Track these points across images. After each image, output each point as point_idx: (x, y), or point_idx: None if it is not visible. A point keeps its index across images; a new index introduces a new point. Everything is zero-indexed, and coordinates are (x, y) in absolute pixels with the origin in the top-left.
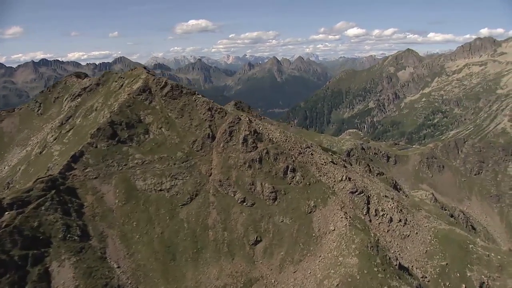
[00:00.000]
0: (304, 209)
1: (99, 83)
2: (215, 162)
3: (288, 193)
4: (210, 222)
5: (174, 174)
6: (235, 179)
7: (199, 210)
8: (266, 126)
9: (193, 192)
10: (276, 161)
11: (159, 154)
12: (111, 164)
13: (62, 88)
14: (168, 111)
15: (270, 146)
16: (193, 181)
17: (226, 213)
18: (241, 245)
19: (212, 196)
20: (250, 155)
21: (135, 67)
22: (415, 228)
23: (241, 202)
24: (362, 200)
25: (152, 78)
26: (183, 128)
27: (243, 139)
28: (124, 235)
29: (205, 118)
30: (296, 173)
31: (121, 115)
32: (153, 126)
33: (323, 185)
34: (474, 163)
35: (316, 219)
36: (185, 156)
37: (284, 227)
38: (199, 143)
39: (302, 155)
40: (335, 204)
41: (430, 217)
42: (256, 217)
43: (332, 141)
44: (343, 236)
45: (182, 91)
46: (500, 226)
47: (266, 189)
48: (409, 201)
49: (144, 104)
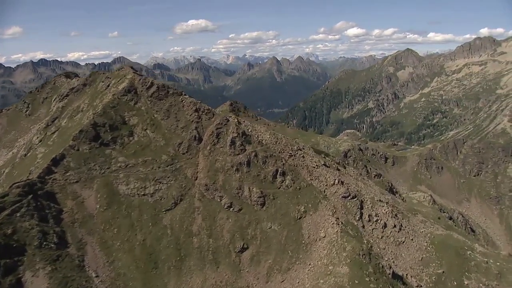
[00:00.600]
0: (294, 214)
1: (86, 83)
2: (201, 165)
3: (277, 198)
4: (194, 228)
5: (158, 178)
6: (221, 183)
7: (183, 215)
8: (255, 128)
9: (177, 197)
10: (265, 164)
11: (143, 157)
12: (93, 168)
13: (51, 88)
14: (153, 112)
15: (259, 149)
16: (178, 186)
17: (211, 219)
18: (226, 252)
19: (198, 201)
20: (237, 158)
21: (122, 67)
22: (410, 234)
23: (227, 207)
24: (355, 205)
25: (138, 78)
26: (169, 130)
27: (230, 142)
28: (104, 242)
29: (192, 119)
30: (286, 177)
31: (104, 117)
32: (138, 128)
33: (314, 189)
34: (473, 164)
35: (306, 225)
36: (170, 159)
37: (272, 233)
38: (185, 146)
39: (292, 158)
40: (326, 210)
41: (427, 221)
42: (243, 223)
43: (329, 142)
44: (334, 243)
45: (168, 92)
46: (499, 228)
47: (254, 193)
48: (405, 205)
49: (129, 105)
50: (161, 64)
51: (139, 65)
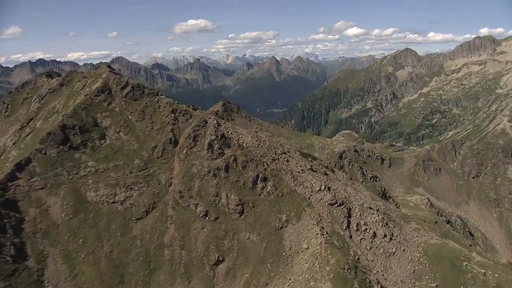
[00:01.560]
0: (274, 224)
1: (63, 83)
2: (176, 170)
3: (257, 206)
4: (166, 239)
5: (129, 184)
6: (197, 190)
7: (155, 225)
8: (236, 130)
9: (149, 204)
10: (245, 169)
11: (114, 161)
12: (60, 173)
13: (31, 88)
14: (128, 113)
15: (238, 152)
16: (150, 192)
17: (185, 228)
18: (200, 265)
19: (171, 209)
20: (215, 162)
21: (99, 66)
22: (402, 244)
23: (203, 216)
24: (342, 213)
25: (113, 78)
26: (143, 132)
27: (208, 145)
28: (68, 254)
29: (168, 121)
30: (267, 183)
31: (75, 118)
32: (111, 130)
33: (297, 196)
34: (472, 166)
35: (287, 236)
36: (144, 163)
37: (251, 245)
38: (160, 149)
39: (275, 162)
40: (310, 218)
41: (421, 229)
42: (219, 234)
43: (324, 143)
44: (317, 256)
45: (144, 92)
46: (499, 232)
47: (232, 201)
48: (398, 212)
49: (102, 106)
50: (160, 64)
51: (137, 65)
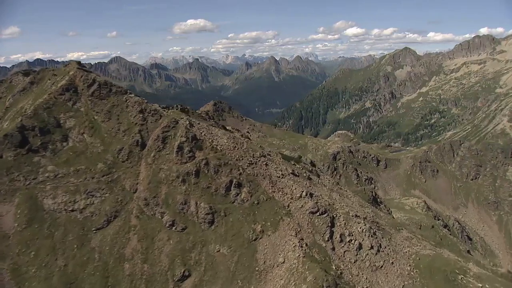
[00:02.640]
0: (248, 235)
1: (33, 81)
2: (142, 175)
3: (229, 215)
4: (127, 251)
5: (90, 190)
6: (164, 197)
7: (116, 236)
8: (211, 131)
9: (111, 213)
10: (217, 174)
11: (76, 165)
12: (16, 178)
13: (7, 87)
14: (94, 113)
15: (211, 156)
16: (113, 199)
17: (149, 240)
18: (163, 281)
19: (135, 219)
20: (185, 167)
21: (69, 63)
22: (391, 256)
23: (169, 226)
24: (324, 222)
25: (80, 75)
26: (109, 133)
27: (177, 147)
28: (17, 268)
29: (136, 121)
30: (242, 189)
31: (34, 119)
32: (74, 132)
33: (275, 203)
34: (470, 167)
35: (262, 249)
36: (107, 168)
37: (220, 258)
38: (126, 152)
39: (252, 166)
40: (288, 229)
41: (413, 238)
42: (186, 246)
43: (317, 143)
44: (294, 271)
45: (111, 90)
46: (498, 235)
47: (202, 209)
48: (388, 219)
49: (66, 105)
50: (159, 64)
51: (136, 65)
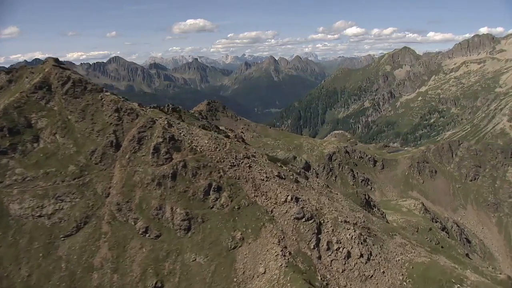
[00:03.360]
0: (226, 243)
1: (12, 79)
2: (116, 178)
3: (207, 221)
4: (97, 260)
5: (60, 194)
6: (138, 202)
7: (85, 244)
8: (191, 131)
9: (81, 219)
10: (196, 177)
11: (46, 168)
12: None
13: None
14: (68, 113)
15: (189, 157)
16: (83, 204)
17: (120, 248)
18: None
19: (106, 225)
20: (161, 169)
21: (46, 60)
22: (382, 265)
23: (142, 233)
24: (310, 229)
25: (54, 72)
26: (82, 134)
27: (153, 148)
28: None
29: (111, 121)
30: (222, 193)
31: (4, 119)
32: (46, 132)
33: (258, 209)
34: (469, 168)
35: (241, 258)
36: (79, 170)
37: (196, 268)
38: (99, 154)
39: (235, 168)
40: (271, 236)
41: (407, 244)
42: (160, 254)
43: (313, 144)
44: (275, 282)
45: (86, 88)
46: (498, 238)
47: (178, 215)
48: (381, 224)
49: (39, 104)
50: (158, 64)
51: (135, 64)
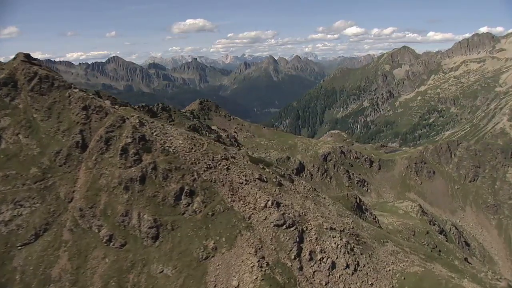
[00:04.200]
0: (197, 253)
1: None
2: (80, 181)
3: (177, 229)
4: (55, 272)
5: (19, 199)
6: (103, 207)
7: (44, 253)
8: (165, 131)
9: (41, 226)
10: (167, 180)
11: (5, 170)
12: None
13: None
14: (33, 111)
15: (160, 159)
16: (44, 210)
17: (81, 258)
18: None
19: (68, 232)
20: (129, 172)
21: (17, 55)
22: (370, 276)
23: (106, 241)
24: (291, 237)
25: (21, 68)
26: (47, 134)
27: (121, 149)
28: None
29: (78, 120)
30: (195, 198)
31: None
32: (8, 132)
33: (234, 215)
34: (469, 168)
35: (213, 269)
36: (41, 173)
37: (163, 280)
38: (64, 155)
39: (210, 170)
40: (247, 245)
41: (399, 252)
42: (124, 265)
43: (308, 144)
44: None
45: (53, 84)
46: (498, 240)
47: (145, 222)
48: (372, 230)
49: (3, 102)
50: (157, 64)
51: (134, 64)
